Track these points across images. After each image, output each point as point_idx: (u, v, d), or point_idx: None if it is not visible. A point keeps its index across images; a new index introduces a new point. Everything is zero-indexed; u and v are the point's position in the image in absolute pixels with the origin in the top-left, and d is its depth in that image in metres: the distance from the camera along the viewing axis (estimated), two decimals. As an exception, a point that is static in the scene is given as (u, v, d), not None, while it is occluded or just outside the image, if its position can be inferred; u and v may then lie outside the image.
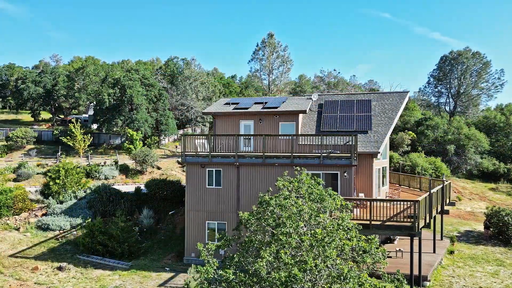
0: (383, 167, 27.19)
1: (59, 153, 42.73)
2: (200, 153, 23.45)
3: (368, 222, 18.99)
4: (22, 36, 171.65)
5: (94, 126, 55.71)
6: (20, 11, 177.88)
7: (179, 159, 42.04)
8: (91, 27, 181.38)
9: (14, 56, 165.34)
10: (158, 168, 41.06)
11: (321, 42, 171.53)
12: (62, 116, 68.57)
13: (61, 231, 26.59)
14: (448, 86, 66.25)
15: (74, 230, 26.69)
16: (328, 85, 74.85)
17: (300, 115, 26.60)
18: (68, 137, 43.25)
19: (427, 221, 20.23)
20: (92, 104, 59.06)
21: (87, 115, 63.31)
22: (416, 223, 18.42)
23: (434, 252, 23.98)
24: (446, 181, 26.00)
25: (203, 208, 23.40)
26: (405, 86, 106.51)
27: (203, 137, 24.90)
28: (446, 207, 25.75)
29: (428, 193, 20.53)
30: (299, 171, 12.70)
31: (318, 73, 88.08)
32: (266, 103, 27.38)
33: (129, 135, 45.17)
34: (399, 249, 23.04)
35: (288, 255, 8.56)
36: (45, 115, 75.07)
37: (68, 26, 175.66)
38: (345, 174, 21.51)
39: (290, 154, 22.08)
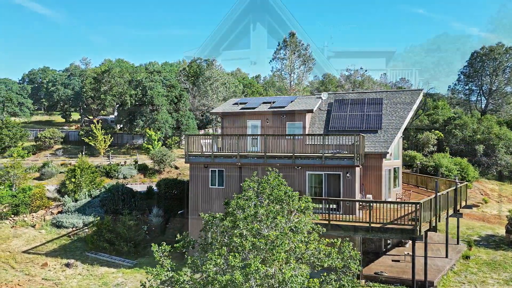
0: (394, 168, 26.25)
1: (83, 153, 44.12)
2: (203, 153, 23.47)
3: (367, 225, 18.39)
4: (61, 40, 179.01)
5: (118, 126, 57.20)
6: (58, 16, 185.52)
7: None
8: (125, 30, 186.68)
9: (51, 60, 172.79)
10: (176, 167, 41.57)
11: (350, 39, 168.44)
12: (91, 117, 70.87)
13: (73, 229, 27.38)
14: (479, 83, 63.35)
15: (86, 227, 27.42)
16: (353, 84, 73.31)
17: (308, 115, 26.11)
18: (90, 138, 44.60)
19: (434, 224, 19.30)
20: (118, 105, 60.73)
21: (113, 116, 65.10)
22: (418, 226, 17.63)
23: (446, 256, 22.92)
24: (460, 182, 24.78)
25: (206, 208, 23.34)
26: (436, 83, 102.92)
27: (209, 137, 24.93)
28: (461, 210, 24.57)
29: (434, 195, 19.60)
30: (271, 171, 12.39)
31: (345, 71, 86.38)
32: (273, 102, 27.11)
33: (148, 135, 46.05)
34: (407, 253, 22.16)
35: (239, 258, 8.35)
36: (76, 116, 77.93)
37: (105, 29, 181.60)
38: (348, 175, 20.91)
39: (291, 154, 21.70)
